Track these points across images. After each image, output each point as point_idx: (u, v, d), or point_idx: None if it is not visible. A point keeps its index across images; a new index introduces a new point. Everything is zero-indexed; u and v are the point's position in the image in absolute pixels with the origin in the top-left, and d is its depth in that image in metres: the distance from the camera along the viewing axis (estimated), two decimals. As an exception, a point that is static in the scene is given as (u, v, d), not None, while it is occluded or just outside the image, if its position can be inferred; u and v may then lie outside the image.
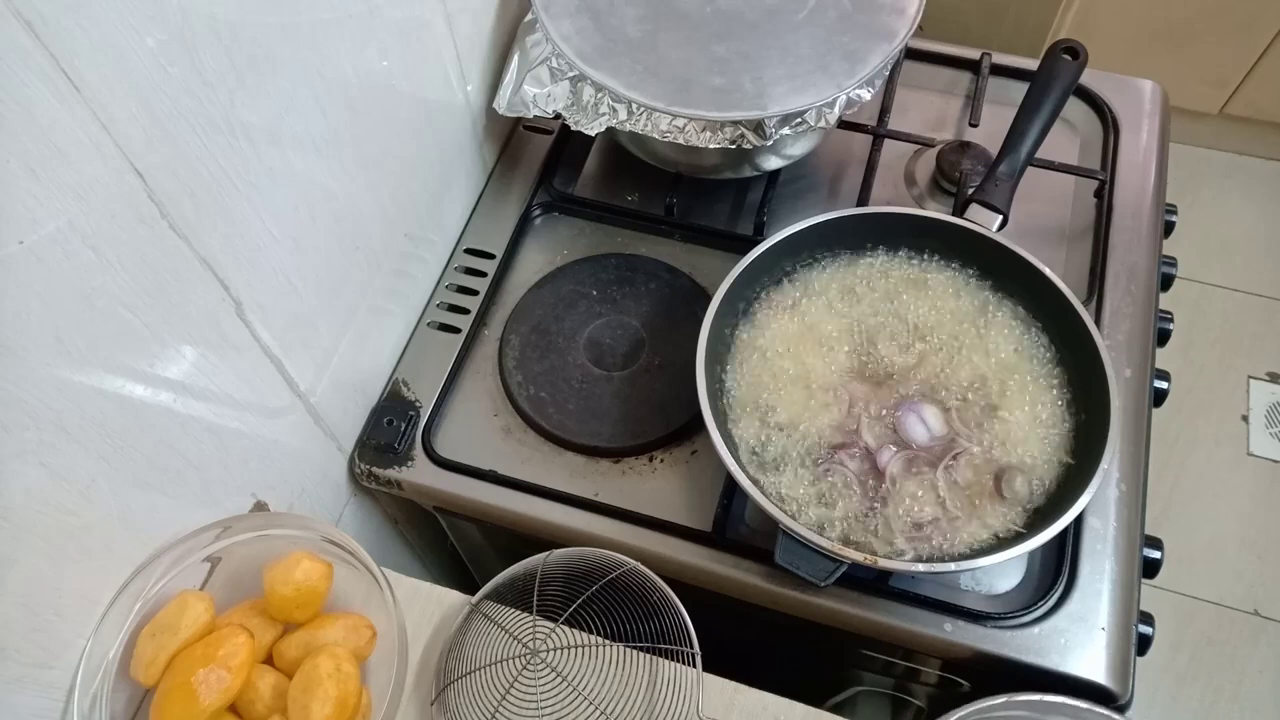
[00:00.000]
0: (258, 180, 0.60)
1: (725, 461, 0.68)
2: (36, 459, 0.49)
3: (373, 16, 0.68)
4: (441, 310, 0.89)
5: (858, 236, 0.81)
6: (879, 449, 0.72)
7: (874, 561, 0.65)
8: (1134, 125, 0.95)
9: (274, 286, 0.65)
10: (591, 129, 0.82)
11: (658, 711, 0.63)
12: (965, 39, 1.04)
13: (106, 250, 0.50)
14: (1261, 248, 1.88)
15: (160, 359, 0.56)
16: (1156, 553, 0.76)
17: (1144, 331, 0.83)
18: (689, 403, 0.72)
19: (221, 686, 0.57)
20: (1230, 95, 1.82)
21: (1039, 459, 0.72)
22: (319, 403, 0.74)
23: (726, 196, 0.94)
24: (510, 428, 0.82)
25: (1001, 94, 0.97)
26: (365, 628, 0.64)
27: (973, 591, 0.73)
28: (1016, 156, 0.81)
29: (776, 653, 0.91)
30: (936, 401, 0.74)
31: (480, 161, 0.95)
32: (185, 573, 0.62)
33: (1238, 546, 1.58)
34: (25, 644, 0.53)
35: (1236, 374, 1.73)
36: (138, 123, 0.49)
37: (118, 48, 0.47)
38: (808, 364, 0.76)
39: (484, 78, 0.89)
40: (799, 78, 0.80)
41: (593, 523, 0.76)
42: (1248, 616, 1.52)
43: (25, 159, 0.44)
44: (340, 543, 0.65)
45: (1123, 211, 0.90)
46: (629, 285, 0.88)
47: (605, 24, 0.83)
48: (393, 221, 0.80)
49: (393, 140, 0.76)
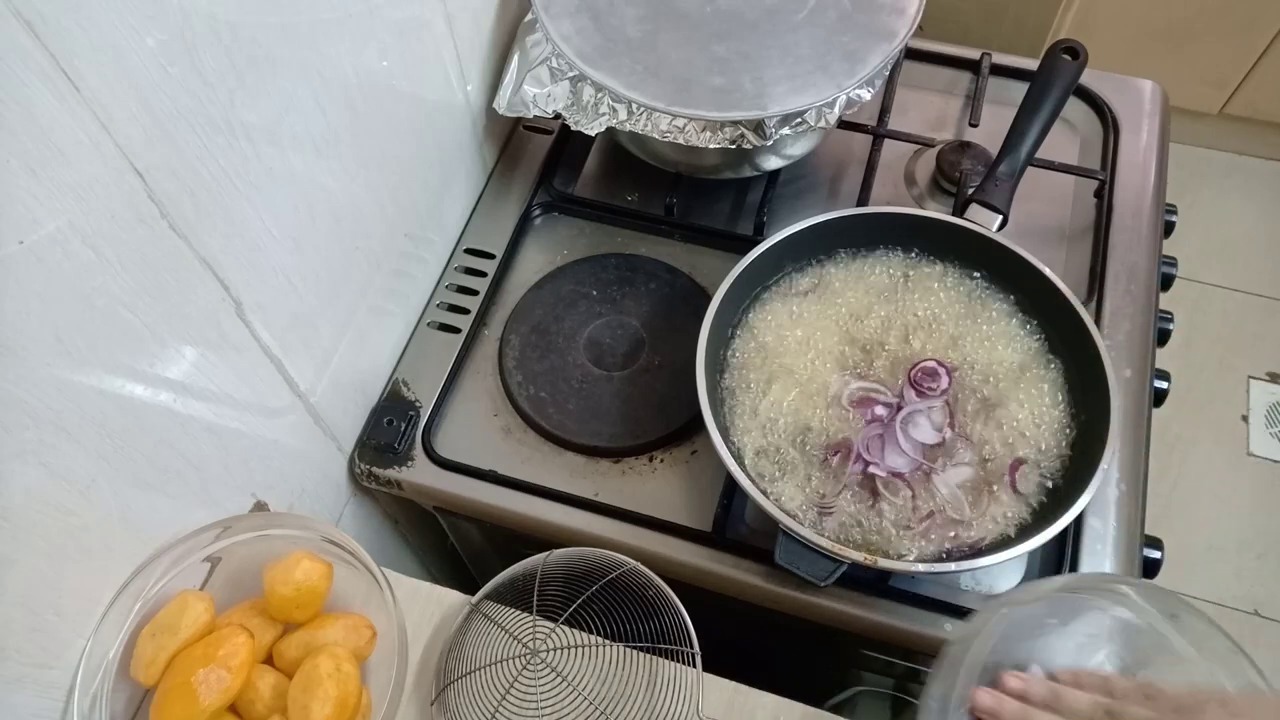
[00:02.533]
0: (258, 180, 0.60)
1: (725, 461, 0.68)
2: (36, 459, 0.49)
3: (373, 16, 0.68)
4: (441, 310, 0.89)
5: (857, 236, 0.81)
6: (879, 448, 0.72)
7: (874, 561, 0.65)
8: (1134, 125, 0.95)
9: (274, 286, 0.65)
10: (591, 129, 0.82)
11: (658, 711, 0.63)
12: (965, 39, 1.04)
13: (106, 250, 0.50)
14: (1261, 248, 1.88)
15: (160, 359, 0.56)
16: (1156, 553, 0.76)
17: (1144, 331, 0.83)
18: (689, 403, 0.72)
19: (221, 686, 0.57)
20: (1230, 95, 1.82)
21: (1038, 458, 0.72)
22: (319, 403, 0.74)
23: (726, 196, 0.94)
24: (510, 428, 0.82)
25: (1001, 94, 0.97)
26: (365, 628, 0.64)
27: (973, 591, 0.73)
28: (1016, 156, 0.81)
29: (776, 653, 0.91)
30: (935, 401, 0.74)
31: (480, 161, 0.95)
32: (185, 573, 0.62)
33: (1237, 546, 1.58)
34: (25, 644, 0.53)
35: (1236, 374, 1.73)
36: (137, 122, 0.49)
37: (117, 47, 0.47)
38: (808, 364, 0.76)
39: (484, 78, 0.89)
40: (799, 78, 0.80)
41: (593, 523, 0.76)
42: (1248, 616, 1.52)
43: (25, 159, 0.44)
44: (340, 543, 0.65)
45: (1123, 211, 0.90)
46: (629, 285, 0.88)
47: (605, 24, 0.83)
48: (393, 221, 0.80)
49: (393, 140, 0.76)
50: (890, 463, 0.71)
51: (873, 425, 0.73)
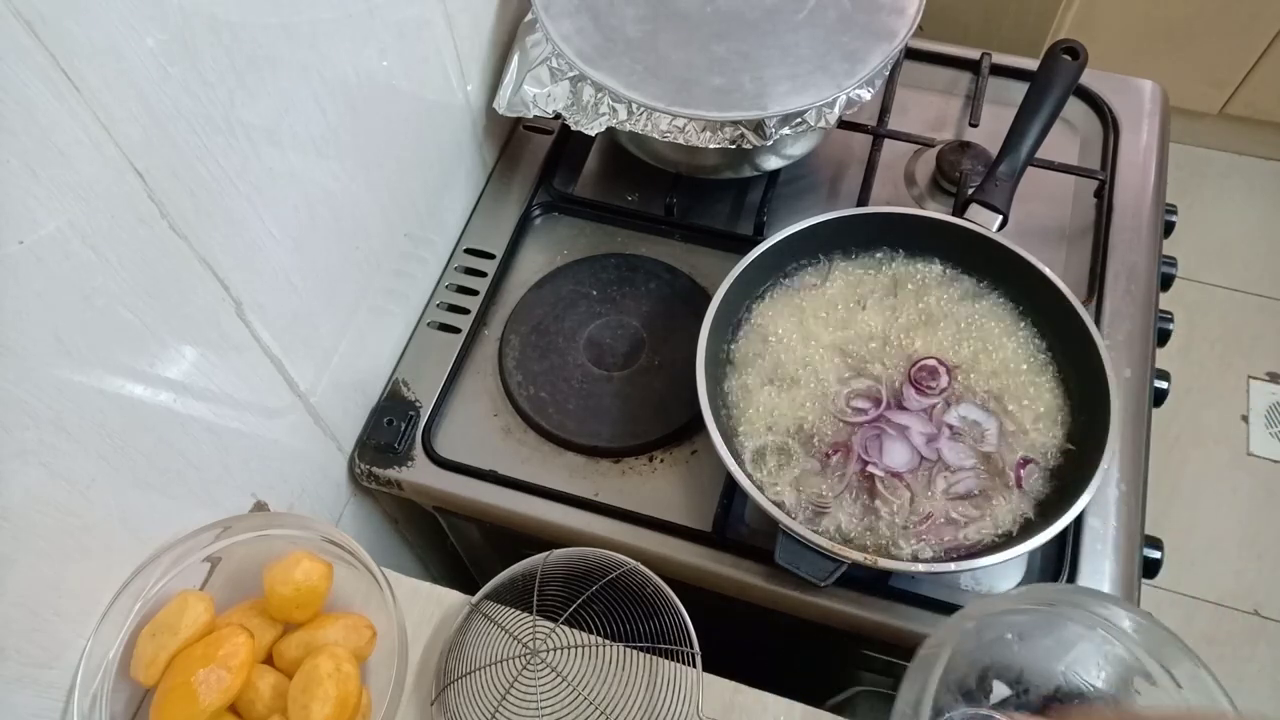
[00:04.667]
0: (258, 180, 0.60)
1: (725, 461, 0.68)
2: (36, 459, 0.49)
3: (372, 17, 0.68)
4: (441, 310, 0.89)
5: (857, 236, 0.81)
6: (879, 448, 0.72)
7: (874, 561, 0.65)
8: (1134, 125, 0.95)
9: (274, 286, 0.65)
10: (592, 129, 0.82)
11: (658, 711, 0.63)
12: (965, 39, 1.04)
13: (106, 250, 0.50)
14: (1261, 248, 1.88)
15: (160, 359, 0.56)
16: (1156, 552, 0.76)
17: (1144, 331, 0.83)
18: (689, 403, 0.72)
19: (221, 686, 0.57)
20: (1230, 95, 1.82)
21: (1038, 458, 0.72)
22: (319, 402, 0.74)
23: (726, 196, 0.94)
24: (510, 428, 0.82)
25: (1001, 94, 0.97)
26: (365, 628, 0.64)
27: (973, 591, 0.73)
28: (1016, 156, 0.81)
29: (776, 653, 0.91)
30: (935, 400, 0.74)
31: (480, 161, 0.95)
32: (185, 573, 0.62)
33: (1238, 546, 1.58)
34: (25, 644, 0.53)
35: (1236, 374, 1.74)
36: (138, 123, 0.49)
37: (118, 48, 0.47)
38: (808, 363, 0.76)
39: (484, 78, 0.89)
40: (799, 78, 0.79)
41: (592, 523, 0.76)
42: (1247, 616, 1.52)
43: (25, 159, 0.44)
44: (340, 543, 0.65)
45: (1122, 211, 0.90)
46: (629, 285, 0.88)
47: (605, 24, 0.83)
48: (392, 221, 0.80)
49: (393, 140, 0.76)
50: (889, 462, 0.71)
51: (872, 425, 0.73)
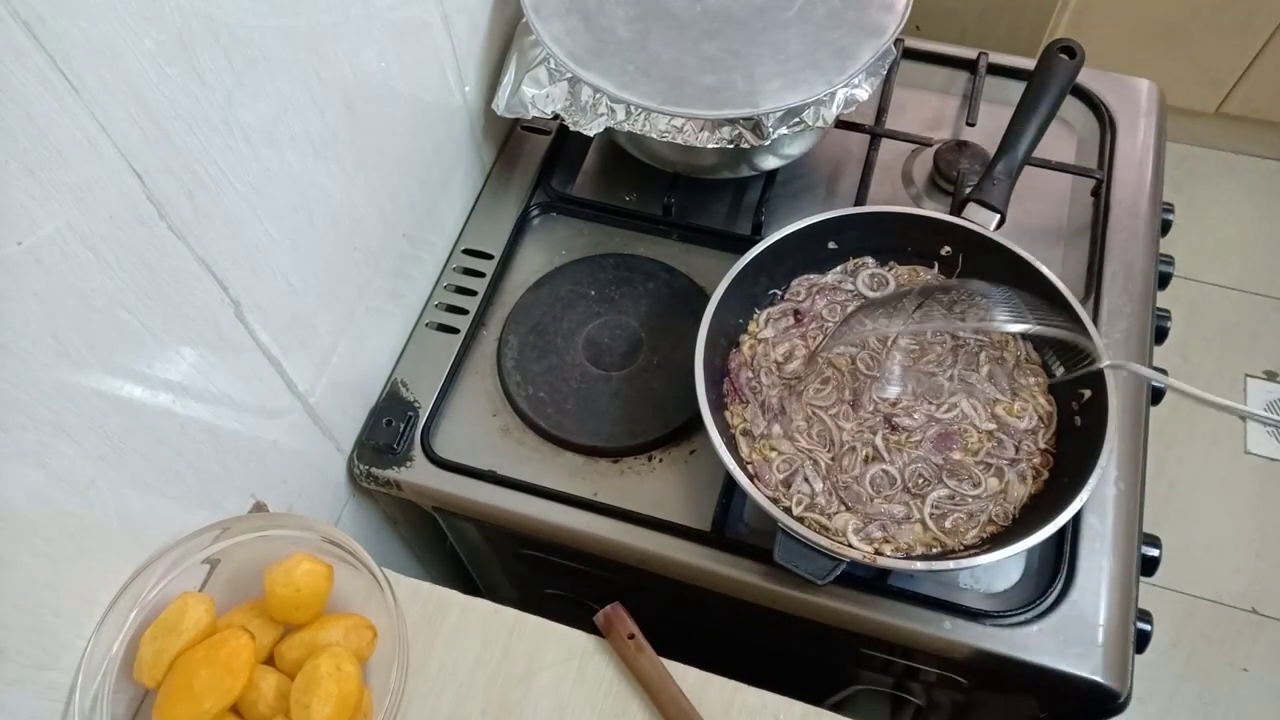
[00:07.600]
0: (256, 181, 0.60)
1: (724, 461, 0.68)
2: (36, 460, 0.49)
3: (370, 18, 0.68)
4: (440, 311, 0.89)
5: (855, 236, 0.81)
6: (878, 446, 0.72)
7: (873, 560, 0.65)
8: (1131, 124, 0.96)
9: (272, 287, 0.65)
10: (590, 129, 0.82)
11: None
12: (962, 39, 1.05)
13: (105, 251, 0.50)
14: (1259, 246, 1.88)
15: (159, 360, 0.56)
16: (1154, 550, 0.76)
17: (1141, 330, 0.83)
18: (688, 402, 0.72)
19: (223, 688, 0.57)
20: (1226, 94, 1.83)
21: (1037, 456, 0.72)
22: (318, 403, 0.74)
23: (724, 196, 0.95)
24: (509, 428, 0.82)
25: (999, 93, 0.97)
26: (366, 628, 0.64)
27: (971, 590, 0.73)
28: (1014, 156, 0.81)
29: (776, 652, 0.91)
30: (935, 399, 0.74)
31: (478, 162, 0.95)
32: (185, 574, 0.62)
33: (1235, 544, 1.58)
34: (25, 645, 0.53)
35: (1234, 372, 1.74)
36: (136, 124, 0.49)
37: (116, 49, 0.47)
38: (807, 362, 0.76)
39: (482, 78, 0.89)
40: (790, 74, 0.79)
41: (592, 522, 0.76)
42: (1246, 614, 1.52)
43: (24, 160, 0.44)
44: (340, 543, 0.65)
45: (1120, 210, 0.90)
46: (627, 285, 0.88)
47: (595, 25, 0.83)
48: (391, 222, 0.80)
49: (391, 141, 0.76)
50: (889, 459, 0.71)
51: (873, 423, 0.73)
